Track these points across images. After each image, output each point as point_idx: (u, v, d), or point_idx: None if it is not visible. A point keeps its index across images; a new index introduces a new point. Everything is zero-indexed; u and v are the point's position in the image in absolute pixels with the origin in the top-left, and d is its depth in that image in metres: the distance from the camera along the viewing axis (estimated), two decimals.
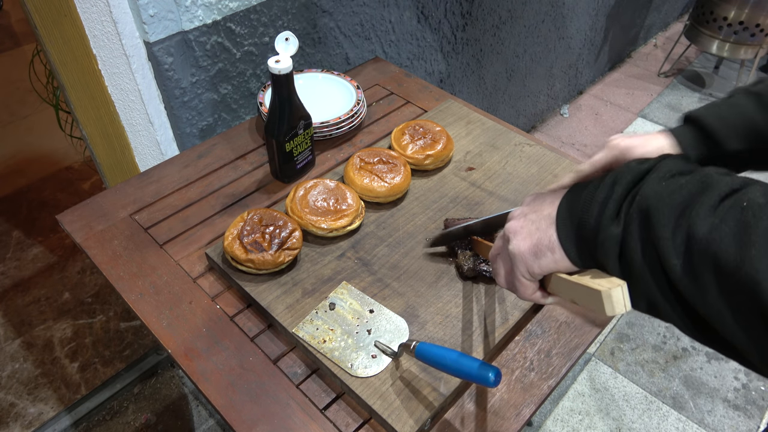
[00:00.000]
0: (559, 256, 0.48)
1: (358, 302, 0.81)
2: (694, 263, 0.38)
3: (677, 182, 0.42)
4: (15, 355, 1.70)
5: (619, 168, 0.46)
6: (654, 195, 0.42)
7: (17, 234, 2.07)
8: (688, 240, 0.38)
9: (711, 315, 0.38)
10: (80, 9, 1.00)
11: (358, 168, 0.98)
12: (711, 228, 0.37)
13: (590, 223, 0.45)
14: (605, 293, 0.44)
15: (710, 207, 0.38)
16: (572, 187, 0.51)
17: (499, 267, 0.57)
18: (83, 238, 0.92)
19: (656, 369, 1.77)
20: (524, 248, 0.51)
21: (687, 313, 0.40)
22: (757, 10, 2.54)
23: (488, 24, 1.92)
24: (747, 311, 0.35)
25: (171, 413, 1.60)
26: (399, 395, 0.70)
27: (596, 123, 2.80)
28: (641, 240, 0.41)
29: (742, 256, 0.35)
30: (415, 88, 1.29)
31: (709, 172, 0.42)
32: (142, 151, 1.21)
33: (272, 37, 1.21)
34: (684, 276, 0.38)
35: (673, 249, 0.39)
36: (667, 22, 3.56)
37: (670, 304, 0.41)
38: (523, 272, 0.52)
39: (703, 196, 0.39)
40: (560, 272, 0.50)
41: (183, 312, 0.82)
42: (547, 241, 0.49)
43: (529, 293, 0.54)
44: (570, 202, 0.49)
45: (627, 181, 0.44)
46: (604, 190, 0.45)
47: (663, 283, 0.40)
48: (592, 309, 0.47)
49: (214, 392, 0.72)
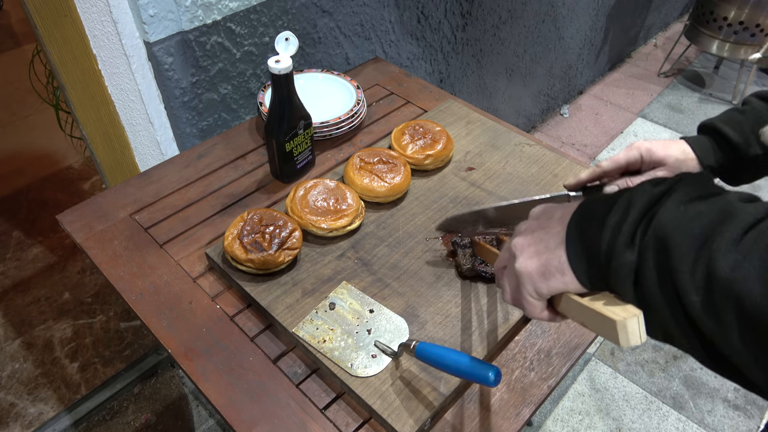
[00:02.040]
0: (569, 278, 0.46)
1: (358, 302, 0.81)
2: (716, 302, 0.36)
3: (696, 209, 0.39)
4: (15, 355, 1.69)
5: (633, 189, 0.44)
6: (671, 222, 0.39)
7: (17, 234, 2.07)
8: (709, 277, 0.36)
9: (732, 354, 0.36)
10: (80, 9, 1.01)
11: (358, 168, 0.98)
12: (734, 266, 0.35)
13: (603, 248, 0.43)
14: (620, 324, 0.42)
15: (732, 241, 0.36)
16: (582, 204, 0.48)
17: (505, 283, 0.55)
18: (83, 238, 0.92)
19: (656, 369, 1.77)
20: (532, 268, 0.49)
21: (704, 346, 0.39)
22: (757, 10, 2.54)
23: (488, 24, 1.92)
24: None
25: (171, 413, 1.60)
26: (399, 395, 0.70)
27: (596, 123, 2.80)
28: (657, 270, 0.39)
29: (767, 299, 0.33)
30: (415, 88, 1.29)
31: (731, 199, 0.40)
32: (142, 151, 1.21)
33: (272, 37, 1.21)
34: (704, 313, 0.36)
35: (692, 284, 0.37)
36: (667, 22, 3.57)
37: (687, 338, 0.39)
38: (530, 292, 0.50)
39: (724, 227, 0.37)
40: (570, 293, 0.48)
41: (183, 312, 0.82)
42: (556, 262, 0.47)
43: (536, 312, 0.52)
44: (581, 221, 0.47)
45: (642, 205, 0.42)
46: (618, 213, 0.43)
47: (680, 315, 0.39)
48: (605, 336, 0.45)
49: (214, 392, 0.72)
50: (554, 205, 0.53)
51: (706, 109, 2.94)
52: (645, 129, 2.78)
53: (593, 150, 2.63)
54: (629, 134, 2.74)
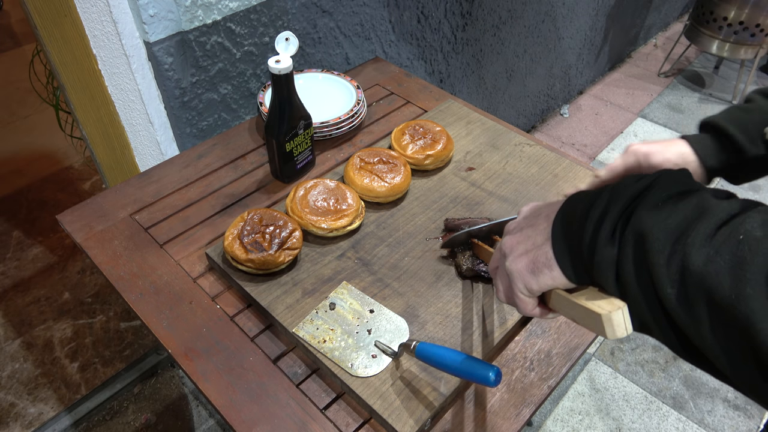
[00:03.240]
0: (557, 273, 0.47)
1: (358, 302, 0.81)
2: (689, 294, 0.37)
3: (674, 205, 0.41)
4: (15, 355, 1.69)
5: (615, 184, 0.45)
6: (649, 218, 0.41)
7: (17, 234, 2.07)
8: (683, 270, 0.37)
9: (703, 346, 0.37)
10: (80, 9, 1.01)
11: (358, 168, 0.98)
12: (706, 260, 0.36)
13: (586, 242, 0.44)
14: (605, 317, 0.43)
15: (706, 236, 0.37)
16: (567, 199, 0.49)
17: (498, 282, 0.56)
18: (83, 238, 0.92)
19: (656, 369, 1.77)
20: (521, 265, 0.50)
21: (678, 338, 0.40)
22: (757, 10, 2.54)
23: (488, 24, 1.92)
24: (738, 347, 0.35)
25: (171, 413, 1.60)
26: (399, 395, 0.70)
27: (596, 123, 2.80)
28: (635, 264, 0.41)
29: (736, 294, 0.34)
30: (415, 88, 1.29)
31: (707, 196, 0.41)
32: (142, 151, 1.21)
33: (272, 37, 1.21)
34: (678, 305, 0.38)
35: (667, 278, 0.38)
36: (667, 22, 3.56)
37: (662, 329, 0.41)
38: (522, 289, 0.51)
39: (699, 223, 0.38)
40: (559, 289, 0.49)
41: (183, 312, 0.82)
42: (543, 258, 0.48)
43: (529, 309, 0.53)
44: (565, 216, 0.48)
45: (623, 200, 0.43)
46: (600, 208, 0.44)
47: (656, 308, 0.40)
48: (593, 330, 0.46)
49: (214, 392, 0.72)
50: (542, 203, 0.54)
51: (706, 109, 2.94)
52: (645, 129, 2.78)
53: (593, 150, 2.63)
54: (629, 134, 2.74)
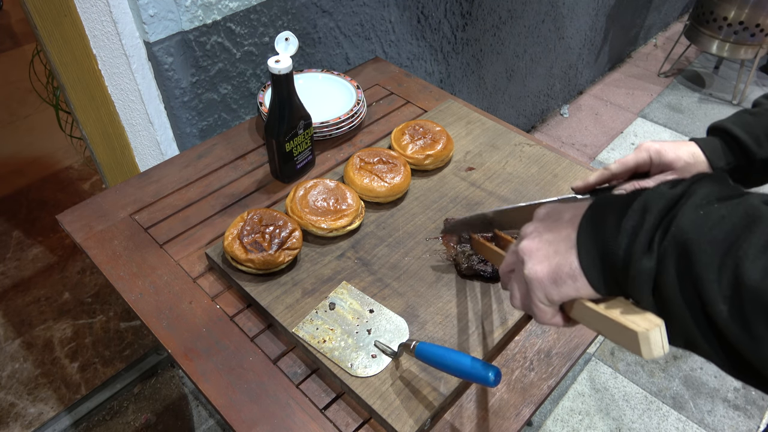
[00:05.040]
0: (582, 284, 0.44)
1: (358, 302, 0.81)
2: (745, 311, 0.34)
3: (718, 212, 0.38)
4: (15, 355, 1.69)
5: (647, 192, 0.42)
6: (692, 228, 0.38)
7: (17, 234, 2.07)
8: (737, 285, 0.34)
9: (764, 366, 0.35)
10: (80, 9, 1.01)
11: (358, 168, 0.98)
12: (764, 273, 0.33)
13: (619, 254, 0.41)
14: (642, 335, 0.39)
15: (761, 246, 0.34)
16: (593, 205, 0.46)
17: (514, 288, 0.53)
18: (83, 238, 0.92)
19: (656, 369, 1.77)
20: (542, 273, 0.47)
21: (728, 354, 0.37)
22: (757, 10, 2.54)
23: (488, 24, 1.92)
24: None
25: (171, 413, 1.60)
26: (399, 395, 0.70)
27: (596, 123, 2.80)
28: (679, 277, 0.38)
29: None
30: (415, 88, 1.29)
31: (754, 202, 0.38)
32: (142, 151, 1.21)
33: (272, 37, 1.21)
34: (732, 322, 0.35)
35: (719, 293, 0.35)
36: (667, 22, 3.56)
37: (711, 346, 0.38)
38: (541, 298, 0.48)
39: (750, 232, 0.35)
40: (583, 299, 0.46)
41: (183, 312, 0.82)
42: (567, 268, 0.45)
43: (547, 319, 0.49)
44: (592, 225, 0.44)
45: (659, 208, 0.40)
46: (634, 218, 0.41)
47: (703, 324, 0.37)
48: (623, 345, 0.42)
49: (214, 392, 0.72)
50: (561, 206, 0.51)
51: (706, 109, 2.94)
52: (645, 129, 2.78)
53: (593, 150, 2.63)
54: (629, 134, 2.74)
